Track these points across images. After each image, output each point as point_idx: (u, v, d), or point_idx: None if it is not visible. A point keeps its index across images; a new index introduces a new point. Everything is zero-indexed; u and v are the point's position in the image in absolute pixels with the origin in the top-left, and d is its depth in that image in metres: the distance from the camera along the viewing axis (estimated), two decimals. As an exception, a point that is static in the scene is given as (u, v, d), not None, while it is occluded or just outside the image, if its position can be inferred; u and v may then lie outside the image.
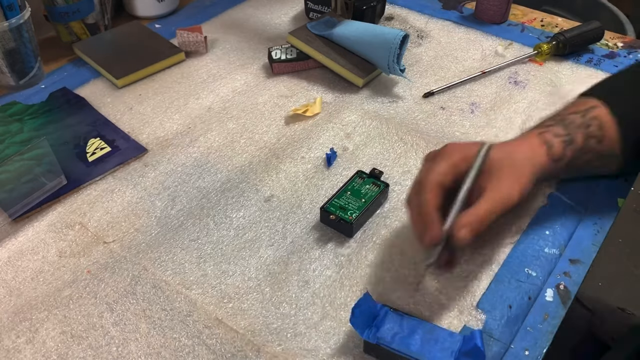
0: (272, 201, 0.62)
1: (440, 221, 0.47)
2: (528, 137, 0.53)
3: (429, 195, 0.48)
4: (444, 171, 0.49)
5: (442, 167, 0.49)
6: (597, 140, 0.54)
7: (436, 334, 0.46)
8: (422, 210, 0.47)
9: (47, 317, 0.51)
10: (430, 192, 0.48)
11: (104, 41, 0.86)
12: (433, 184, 0.48)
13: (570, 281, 0.53)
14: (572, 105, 0.56)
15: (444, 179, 0.48)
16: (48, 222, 0.60)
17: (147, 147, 0.68)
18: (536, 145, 0.52)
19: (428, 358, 0.44)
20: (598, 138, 0.53)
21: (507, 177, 0.48)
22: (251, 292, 0.53)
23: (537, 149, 0.52)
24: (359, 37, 0.77)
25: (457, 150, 0.50)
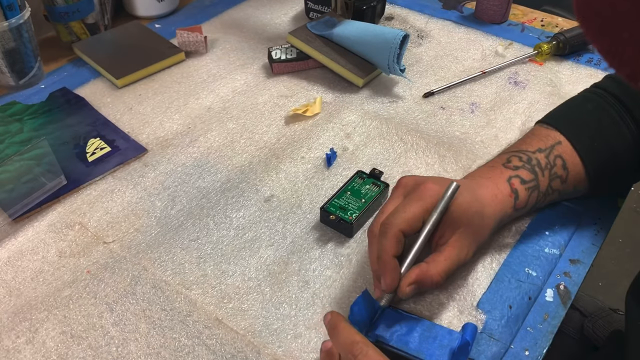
0: (272, 201, 0.62)
1: (396, 269, 0.46)
2: (499, 181, 0.52)
3: (390, 242, 0.46)
4: (413, 217, 0.47)
5: (411, 213, 0.47)
6: (561, 180, 0.54)
7: (435, 332, 0.46)
8: (381, 256, 0.46)
9: (47, 317, 0.51)
10: (391, 239, 0.46)
11: (104, 41, 0.86)
12: (396, 231, 0.46)
13: (570, 281, 0.53)
14: (536, 139, 0.56)
15: (409, 226, 0.46)
16: (48, 222, 0.60)
17: (147, 147, 0.68)
18: (505, 194, 0.51)
19: (426, 355, 0.44)
20: (562, 178, 0.54)
21: (470, 233, 0.48)
22: (251, 293, 0.52)
23: (506, 201, 0.51)
24: (359, 37, 0.77)
25: (431, 192, 0.48)
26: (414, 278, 0.45)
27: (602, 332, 0.76)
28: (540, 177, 0.53)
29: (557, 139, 0.55)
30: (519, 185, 0.52)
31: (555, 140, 0.55)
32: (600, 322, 0.77)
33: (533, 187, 0.53)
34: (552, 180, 0.53)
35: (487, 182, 0.52)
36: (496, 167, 0.54)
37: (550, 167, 0.53)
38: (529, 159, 0.53)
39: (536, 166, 0.53)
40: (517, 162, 0.53)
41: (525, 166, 0.53)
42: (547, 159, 0.53)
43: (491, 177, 0.52)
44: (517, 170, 0.53)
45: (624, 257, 1.57)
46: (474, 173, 0.55)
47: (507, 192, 0.51)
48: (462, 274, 0.53)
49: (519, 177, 0.52)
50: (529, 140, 0.56)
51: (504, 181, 0.52)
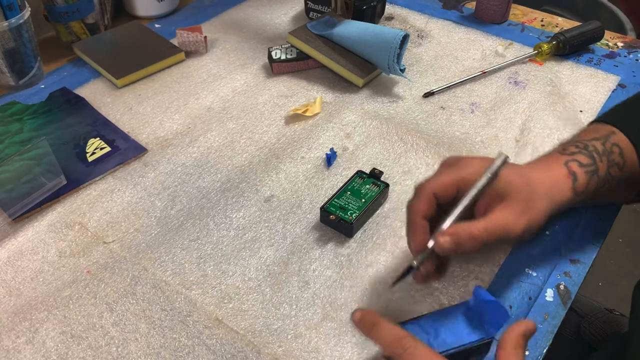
0: (272, 201, 0.62)
1: (424, 230, 0.46)
2: (554, 165, 0.50)
3: (420, 203, 0.46)
4: (448, 182, 0.46)
5: (446, 178, 0.47)
6: (619, 167, 0.52)
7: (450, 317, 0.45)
8: (410, 217, 0.47)
9: (47, 317, 0.51)
10: (422, 200, 0.46)
11: (103, 41, 0.86)
12: (428, 192, 0.46)
13: (570, 281, 0.53)
14: (590, 131, 0.55)
15: (443, 190, 0.46)
16: (48, 222, 0.60)
17: (147, 147, 0.68)
18: (562, 176, 0.50)
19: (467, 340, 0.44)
20: (619, 165, 0.52)
21: (518, 206, 0.45)
22: (251, 293, 0.52)
23: (563, 182, 0.49)
24: (359, 37, 0.77)
25: (470, 165, 0.47)
26: (451, 230, 0.44)
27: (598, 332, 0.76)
28: (599, 162, 0.51)
29: (610, 130, 0.53)
30: (577, 167, 0.50)
31: (609, 131, 0.53)
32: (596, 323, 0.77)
33: (592, 171, 0.50)
34: (610, 166, 0.51)
35: (541, 165, 0.50)
36: (552, 155, 0.52)
37: (608, 153, 0.51)
38: (586, 146, 0.52)
39: (594, 152, 0.51)
40: (574, 149, 0.52)
41: (582, 152, 0.51)
42: (603, 145, 0.52)
43: (546, 162, 0.51)
44: (574, 155, 0.51)
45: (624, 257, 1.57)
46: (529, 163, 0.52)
47: (564, 173, 0.50)
48: (462, 275, 0.53)
49: (577, 161, 0.50)
50: (582, 134, 0.55)
51: (560, 165, 0.50)
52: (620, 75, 0.79)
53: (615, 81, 0.78)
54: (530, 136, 0.69)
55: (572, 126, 0.70)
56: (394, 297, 0.51)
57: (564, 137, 0.68)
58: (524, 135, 0.69)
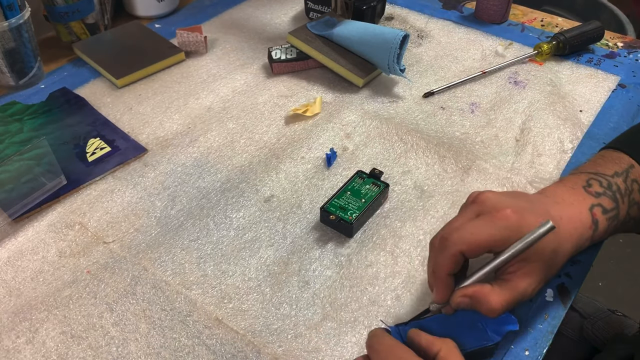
0: (272, 201, 0.62)
1: (449, 287, 0.44)
2: (578, 206, 0.47)
3: (447, 260, 0.43)
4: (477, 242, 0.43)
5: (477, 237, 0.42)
6: (638, 207, 0.50)
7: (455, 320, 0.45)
8: (436, 271, 0.44)
9: (47, 317, 0.51)
10: (449, 257, 0.43)
11: (103, 41, 0.86)
12: (455, 251, 0.43)
13: (570, 281, 0.53)
14: (609, 162, 0.52)
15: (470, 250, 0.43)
16: (48, 222, 0.60)
17: (147, 147, 0.68)
18: (585, 226, 0.47)
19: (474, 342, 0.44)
20: (638, 203, 0.50)
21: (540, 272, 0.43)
22: (251, 293, 0.52)
23: (584, 233, 0.47)
24: (359, 37, 0.77)
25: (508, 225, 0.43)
26: (470, 292, 0.42)
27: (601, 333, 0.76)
28: (621, 204, 0.49)
29: (629, 162, 0.51)
30: (600, 215, 0.48)
31: (628, 164, 0.51)
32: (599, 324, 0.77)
33: (614, 216, 0.48)
34: (631, 207, 0.50)
35: (569, 208, 0.47)
36: (576, 190, 0.49)
37: (629, 192, 0.49)
38: (609, 184, 0.49)
39: (617, 192, 0.49)
40: (598, 187, 0.49)
41: (606, 193, 0.49)
42: (625, 183, 0.50)
43: (573, 203, 0.47)
44: (599, 197, 0.48)
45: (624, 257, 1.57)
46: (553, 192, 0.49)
47: (588, 224, 0.47)
48: (462, 274, 0.53)
49: (601, 206, 0.48)
50: (602, 163, 0.52)
51: (586, 210, 0.47)
52: (620, 75, 0.79)
53: (615, 81, 0.78)
54: (530, 136, 0.69)
55: (572, 126, 0.70)
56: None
57: (564, 136, 0.68)
58: (524, 135, 0.69)
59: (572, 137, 0.69)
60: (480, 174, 0.64)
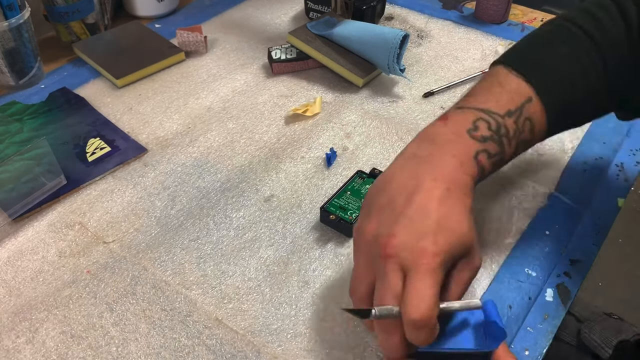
0: (272, 201, 0.62)
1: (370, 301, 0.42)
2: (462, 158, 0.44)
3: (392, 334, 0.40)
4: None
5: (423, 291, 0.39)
6: (525, 143, 0.48)
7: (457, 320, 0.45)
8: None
9: (47, 317, 0.51)
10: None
11: (103, 41, 0.86)
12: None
13: (570, 281, 0.53)
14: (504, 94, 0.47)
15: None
16: (48, 222, 0.60)
17: (147, 147, 0.68)
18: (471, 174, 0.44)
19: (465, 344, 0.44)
20: (526, 142, 0.48)
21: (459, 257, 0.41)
22: (251, 293, 0.52)
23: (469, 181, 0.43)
24: (359, 37, 0.77)
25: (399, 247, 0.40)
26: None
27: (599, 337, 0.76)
28: (507, 147, 0.46)
29: (526, 95, 0.47)
30: (485, 161, 0.45)
31: (525, 97, 0.47)
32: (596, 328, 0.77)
33: (498, 160, 0.46)
34: (518, 146, 0.47)
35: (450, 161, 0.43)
36: (462, 136, 0.45)
37: (519, 133, 0.46)
38: (498, 127, 0.46)
39: (504, 136, 0.46)
40: (486, 130, 0.45)
41: (493, 137, 0.45)
42: (515, 124, 0.46)
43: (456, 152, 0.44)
44: (485, 142, 0.45)
45: (624, 257, 1.57)
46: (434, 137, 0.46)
47: (473, 172, 0.44)
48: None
49: (487, 152, 0.45)
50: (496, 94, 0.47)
51: (470, 159, 0.44)
52: (620, 75, 0.79)
53: (615, 81, 0.78)
54: (530, 136, 0.69)
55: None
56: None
57: (564, 136, 0.68)
58: (524, 135, 0.69)
59: (572, 137, 0.69)
60: (480, 174, 0.64)
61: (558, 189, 0.62)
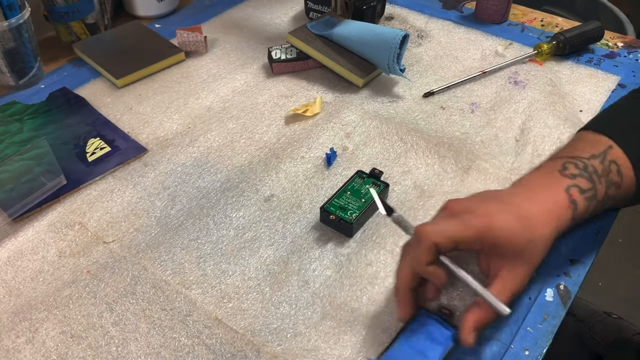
0: (272, 201, 0.62)
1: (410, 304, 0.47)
2: (554, 191, 0.48)
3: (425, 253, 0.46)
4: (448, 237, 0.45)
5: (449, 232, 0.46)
6: (616, 186, 0.51)
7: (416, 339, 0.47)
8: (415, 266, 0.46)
9: (47, 317, 0.51)
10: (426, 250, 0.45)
11: (103, 41, 0.86)
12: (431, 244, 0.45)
13: (570, 281, 0.53)
14: (586, 144, 0.52)
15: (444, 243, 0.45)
16: (48, 222, 0.60)
17: (147, 147, 0.68)
18: (564, 208, 0.48)
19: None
20: (617, 185, 0.51)
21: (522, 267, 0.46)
22: (251, 292, 0.52)
23: (562, 213, 0.48)
24: (359, 37, 0.77)
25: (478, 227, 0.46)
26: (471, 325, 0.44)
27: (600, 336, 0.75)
28: (598, 184, 0.50)
29: (607, 144, 0.52)
30: (578, 195, 0.48)
31: (607, 145, 0.51)
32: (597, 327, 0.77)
33: (592, 196, 0.49)
34: (609, 187, 0.50)
35: (542, 192, 0.48)
36: (552, 174, 0.50)
37: (607, 173, 0.50)
38: (585, 166, 0.50)
39: (593, 174, 0.50)
40: (574, 169, 0.50)
41: (582, 174, 0.49)
42: (602, 164, 0.50)
43: (548, 186, 0.49)
44: (575, 179, 0.49)
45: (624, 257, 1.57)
46: (527, 180, 0.51)
47: (565, 204, 0.48)
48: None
49: (578, 187, 0.49)
50: (579, 146, 0.53)
51: (561, 191, 0.48)
52: (620, 75, 0.79)
53: (615, 81, 0.78)
54: (530, 136, 0.69)
55: (572, 126, 0.70)
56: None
57: (564, 137, 0.68)
58: (524, 134, 0.69)
59: (572, 136, 0.69)
60: (480, 174, 0.64)
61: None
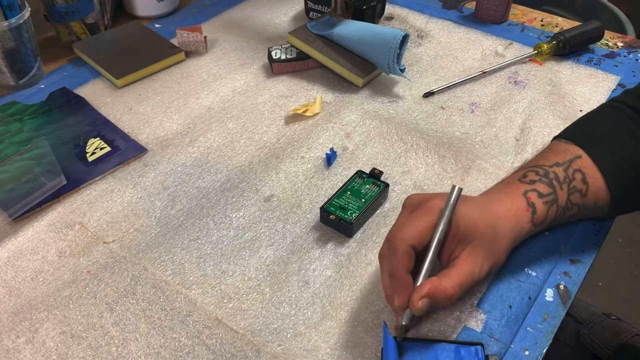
0: (272, 201, 0.62)
1: (410, 287, 0.45)
2: (514, 195, 0.50)
3: (401, 258, 0.45)
4: (420, 230, 0.46)
5: (418, 227, 0.46)
6: (581, 194, 0.52)
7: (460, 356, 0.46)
8: (395, 274, 0.45)
9: (47, 317, 0.51)
10: (402, 255, 0.45)
11: (103, 41, 0.86)
12: (406, 246, 0.45)
13: (570, 281, 0.53)
14: (553, 153, 0.54)
15: (418, 240, 0.46)
16: (48, 222, 0.60)
17: (147, 147, 0.68)
18: (521, 208, 0.49)
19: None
20: (581, 192, 0.52)
21: (483, 251, 0.46)
22: (251, 292, 0.53)
23: (522, 215, 0.49)
24: (359, 37, 0.77)
25: (438, 209, 0.47)
26: (425, 291, 0.44)
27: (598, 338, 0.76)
28: (559, 190, 0.51)
29: (576, 153, 0.53)
30: (536, 199, 0.50)
31: (574, 155, 0.52)
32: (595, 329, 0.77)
33: (551, 200, 0.50)
34: (571, 194, 0.51)
35: (502, 197, 0.50)
36: (512, 183, 0.52)
37: (569, 180, 0.51)
38: (546, 173, 0.51)
39: (554, 180, 0.51)
40: (534, 176, 0.51)
41: (542, 180, 0.51)
42: (565, 172, 0.51)
43: (507, 192, 0.51)
44: (533, 184, 0.51)
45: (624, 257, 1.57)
46: (489, 190, 0.53)
47: (523, 206, 0.50)
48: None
49: (536, 191, 0.50)
50: (545, 155, 0.54)
51: (519, 195, 0.50)
52: (620, 75, 0.79)
53: (615, 81, 0.78)
54: (531, 135, 0.69)
55: (572, 126, 0.70)
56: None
57: (564, 137, 0.68)
58: (524, 134, 0.69)
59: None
60: (480, 174, 0.64)
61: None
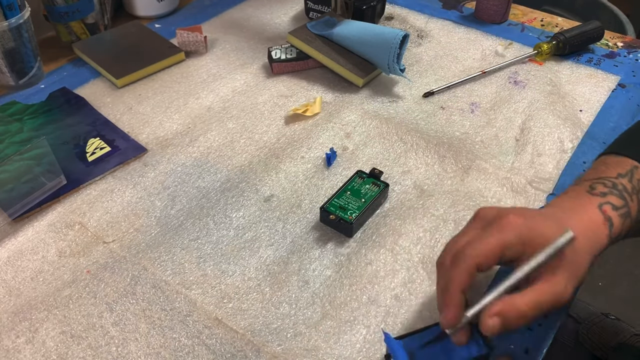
0: (272, 201, 0.62)
1: (461, 307, 0.42)
2: (588, 208, 0.46)
3: (461, 274, 0.41)
4: (491, 250, 0.42)
5: (489, 245, 0.42)
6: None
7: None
8: (448, 287, 0.42)
9: (47, 317, 0.51)
10: (463, 272, 0.41)
11: (103, 41, 0.86)
12: (471, 263, 0.41)
13: (570, 281, 0.53)
14: (610, 166, 0.50)
15: (486, 260, 0.42)
16: (48, 222, 0.60)
17: (146, 147, 0.68)
18: (598, 223, 0.45)
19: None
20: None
21: (565, 272, 0.42)
22: (251, 292, 0.53)
23: (600, 230, 0.45)
24: (358, 37, 0.77)
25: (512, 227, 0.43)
26: (497, 309, 0.40)
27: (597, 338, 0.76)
28: (630, 202, 0.47)
29: (632, 164, 0.50)
30: (611, 212, 0.46)
31: (632, 165, 0.50)
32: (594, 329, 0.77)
33: (625, 213, 0.47)
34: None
35: (576, 209, 0.46)
36: (581, 195, 0.48)
37: (637, 191, 0.48)
38: (614, 184, 0.48)
39: (623, 191, 0.48)
40: (603, 188, 0.48)
41: (612, 192, 0.47)
42: (630, 183, 0.48)
43: (579, 204, 0.47)
44: (605, 197, 0.47)
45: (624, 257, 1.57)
46: (555, 203, 0.48)
47: (600, 221, 0.46)
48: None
49: (610, 204, 0.46)
50: (602, 168, 0.50)
51: (594, 208, 0.46)
52: (620, 75, 0.79)
53: (615, 81, 0.78)
54: (530, 135, 0.69)
55: (572, 125, 0.70)
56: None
57: (564, 136, 0.68)
58: (524, 134, 0.69)
59: (572, 136, 0.69)
60: (480, 174, 0.64)
61: (557, 189, 0.62)
